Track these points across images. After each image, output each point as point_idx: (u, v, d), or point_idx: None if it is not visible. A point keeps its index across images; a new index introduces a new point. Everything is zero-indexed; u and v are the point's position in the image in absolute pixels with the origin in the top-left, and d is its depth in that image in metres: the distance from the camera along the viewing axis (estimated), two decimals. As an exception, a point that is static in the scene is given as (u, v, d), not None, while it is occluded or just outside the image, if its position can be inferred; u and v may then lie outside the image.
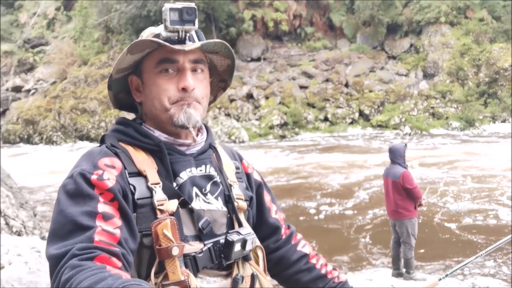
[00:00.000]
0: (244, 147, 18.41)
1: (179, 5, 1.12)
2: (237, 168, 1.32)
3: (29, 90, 25.24)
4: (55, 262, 0.92)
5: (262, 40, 25.05)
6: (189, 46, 1.12)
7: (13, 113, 23.83)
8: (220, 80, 1.33)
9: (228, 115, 21.45)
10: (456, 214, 7.87)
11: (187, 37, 1.15)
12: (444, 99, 21.91)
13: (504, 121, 20.29)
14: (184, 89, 1.14)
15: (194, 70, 1.17)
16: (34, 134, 22.73)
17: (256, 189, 1.36)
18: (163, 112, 1.15)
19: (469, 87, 21.79)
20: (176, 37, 1.13)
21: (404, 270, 5.63)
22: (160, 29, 1.16)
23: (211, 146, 1.26)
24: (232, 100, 21.99)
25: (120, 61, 1.14)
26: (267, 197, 1.39)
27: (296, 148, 17.70)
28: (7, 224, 5.21)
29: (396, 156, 5.54)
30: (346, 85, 22.80)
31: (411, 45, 24.59)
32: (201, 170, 1.20)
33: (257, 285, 1.19)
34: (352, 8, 25.42)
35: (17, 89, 25.62)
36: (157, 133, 1.18)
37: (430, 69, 23.17)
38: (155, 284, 1.04)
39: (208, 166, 1.21)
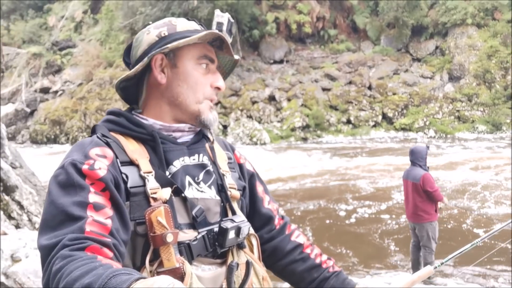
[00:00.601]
0: (284, 148, 18.30)
1: (226, 14, 1.24)
2: (229, 158, 1.32)
3: (56, 92, 25.81)
4: (46, 253, 0.93)
5: (285, 42, 25.04)
6: (236, 56, 1.27)
7: (40, 114, 24.40)
8: None
9: (250, 117, 21.49)
10: (485, 219, 7.69)
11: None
12: (470, 102, 21.47)
13: (532, 125, 19.77)
14: (218, 88, 1.22)
15: None
16: (61, 135, 23.22)
17: (248, 179, 1.37)
18: (193, 103, 1.19)
19: (496, 90, 21.29)
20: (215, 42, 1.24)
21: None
22: (195, 25, 1.24)
23: (204, 136, 1.27)
24: (254, 102, 22.02)
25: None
26: (259, 188, 1.39)
27: (338, 150, 17.38)
28: (29, 220, 5.34)
29: (417, 157, 5.45)
30: (369, 88, 22.57)
31: (437, 47, 24.19)
32: (194, 159, 1.20)
33: (252, 272, 1.19)
34: (376, 10, 25.18)
35: (45, 90, 26.24)
36: (151, 121, 1.19)
37: (456, 72, 22.74)
38: (150, 271, 1.04)
39: (201, 155, 1.22)
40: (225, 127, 21.29)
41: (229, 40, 1.22)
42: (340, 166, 14.08)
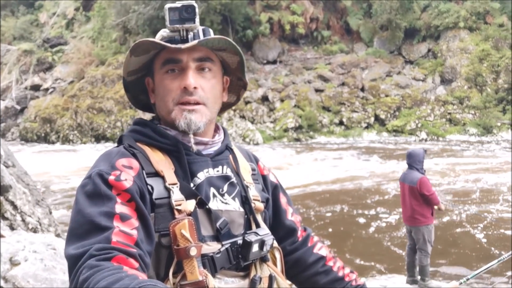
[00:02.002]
0: (310, 147, 18.11)
1: (178, 4, 1.12)
2: (253, 169, 1.31)
3: (47, 89, 25.58)
4: (74, 262, 0.93)
5: (278, 43, 25.05)
6: (187, 44, 1.11)
7: (31, 111, 24.15)
8: (238, 79, 1.31)
9: (243, 117, 21.47)
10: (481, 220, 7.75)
11: (189, 36, 1.14)
12: (462, 105, 21.65)
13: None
14: (185, 88, 1.13)
15: (201, 69, 1.16)
16: (51, 133, 23.01)
17: (272, 191, 1.36)
18: (167, 113, 1.16)
19: (488, 93, 21.50)
20: (179, 37, 1.14)
21: (419, 277, 5.55)
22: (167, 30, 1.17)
23: (227, 147, 1.25)
24: (247, 102, 22.00)
25: (126, 63, 1.16)
26: (283, 199, 1.38)
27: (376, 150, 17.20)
28: (23, 220, 5.26)
29: (415, 161, 5.45)
30: (362, 89, 22.67)
31: (429, 50, 24.36)
32: (218, 171, 1.19)
33: (275, 286, 1.19)
34: (369, 12, 25.29)
35: (35, 87, 25.98)
36: (174, 133, 1.18)
37: (447, 75, 22.91)
38: (173, 284, 1.04)
39: (225, 167, 1.21)
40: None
41: (189, 28, 1.12)
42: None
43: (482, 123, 20.48)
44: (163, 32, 1.17)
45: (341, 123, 21.66)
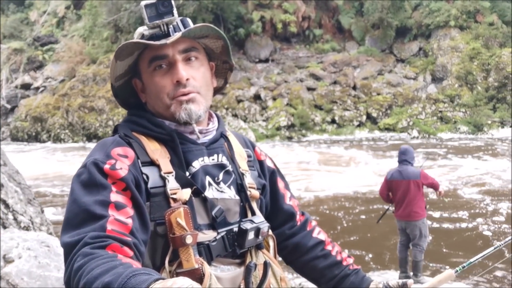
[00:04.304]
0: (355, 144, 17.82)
1: (151, 1, 1.11)
2: (249, 156, 1.31)
3: (38, 88, 25.38)
4: (69, 250, 0.94)
5: (271, 42, 25.05)
6: (171, 38, 1.11)
7: (21, 110, 23.95)
8: (224, 62, 1.32)
9: (235, 115, 21.46)
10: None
11: (170, 29, 1.14)
12: (453, 103, 21.80)
13: (513, 126, 20.15)
14: (178, 82, 1.13)
15: (188, 59, 1.16)
16: (42, 132, 22.84)
17: (269, 176, 1.37)
18: (165, 109, 1.16)
19: (478, 91, 21.66)
20: (160, 32, 1.13)
21: (411, 273, 5.59)
22: (145, 27, 1.16)
23: (222, 135, 1.26)
24: (239, 101, 21.99)
25: (113, 69, 1.15)
26: (280, 184, 1.39)
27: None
28: (15, 219, 5.23)
29: (410, 157, 5.60)
30: (354, 88, 22.75)
31: (420, 49, 24.49)
32: (213, 159, 1.20)
33: (269, 273, 1.20)
34: (361, 11, 25.37)
35: (26, 86, 25.77)
36: (168, 123, 1.18)
37: (438, 73, 23.06)
38: (169, 272, 1.04)
39: (220, 155, 1.22)
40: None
41: (168, 22, 1.11)
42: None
43: (473, 121, 20.63)
44: (143, 30, 1.16)
45: (333, 121, 21.72)
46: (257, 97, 22.29)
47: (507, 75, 21.01)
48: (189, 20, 1.17)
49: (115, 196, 1.01)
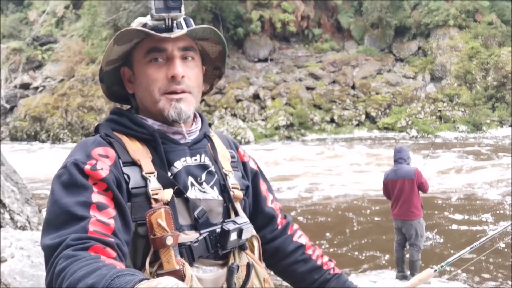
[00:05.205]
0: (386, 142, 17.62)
1: None
2: (232, 157, 1.30)
3: (37, 88, 25.36)
4: (50, 252, 0.92)
5: (270, 41, 25.03)
6: (176, 33, 1.10)
7: (20, 110, 23.94)
8: (215, 68, 1.31)
9: (234, 115, 21.45)
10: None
11: (174, 25, 1.13)
12: (452, 103, 21.79)
13: (512, 125, 20.15)
14: (173, 77, 1.12)
15: (184, 58, 1.15)
16: (41, 131, 22.84)
17: (252, 177, 1.35)
18: (153, 104, 1.14)
19: (477, 91, 21.65)
20: (164, 25, 1.12)
21: (408, 272, 5.59)
22: (148, 18, 1.15)
23: (206, 135, 1.25)
24: (238, 101, 21.98)
25: (108, 52, 1.13)
26: (263, 186, 1.38)
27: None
28: (12, 219, 5.23)
29: (406, 155, 5.62)
30: (353, 87, 22.73)
31: (419, 48, 24.48)
32: (196, 160, 1.19)
33: (253, 274, 1.19)
34: (360, 10, 25.35)
35: (25, 86, 25.74)
36: (151, 122, 1.17)
37: (437, 72, 23.05)
38: (150, 273, 1.03)
39: (203, 155, 1.20)
40: (209, 125, 21.14)
41: (173, 17, 1.11)
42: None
43: (472, 120, 20.62)
44: (147, 20, 1.14)
45: (332, 120, 21.71)
46: (256, 97, 22.27)
47: (506, 74, 20.99)
48: (191, 20, 1.17)
49: (97, 197, 1.00)
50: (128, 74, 1.20)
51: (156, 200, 1.07)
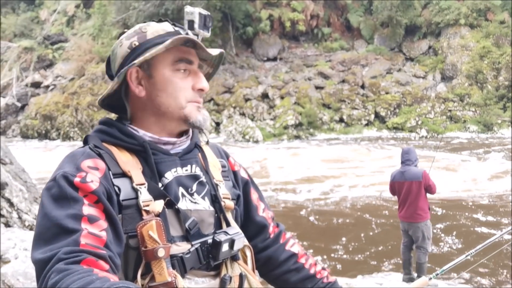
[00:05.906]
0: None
1: (203, 11, 1.19)
2: (223, 166, 1.30)
3: (47, 86, 25.58)
4: (41, 266, 0.91)
5: (279, 40, 25.00)
6: (215, 51, 1.19)
7: (31, 109, 24.17)
8: None
9: (242, 114, 21.45)
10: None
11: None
12: (462, 102, 21.59)
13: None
14: (201, 90, 1.17)
15: None
16: (52, 130, 23.03)
17: (243, 187, 1.35)
18: (177, 109, 1.16)
19: (488, 90, 21.43)
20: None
21: (415, 275, 5.56)
22: (167, 27, 1.17)
23: (196, 146, 1.24)
24: (247, 100, 21.98)
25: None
26: (254, 195, 1.37)
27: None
28: (19, 218, 5.27)
29: (414, 157, 5.57)
30: (362, 87, 22.62)
31: (430, 47, 24.28)
32: (186, 170, 1.18)
33: (245, 285, 1.18)
34: (370, 9, 25.22)
35: (36, 84, 25.98)
36: (141, 133, 1.17)
37: (448, 72, 22.85)
38: (142, 285, 1.02)
39: (193, 166, 1.20)
40: (217, 124, 21.23)
41: (204, 35, 1.18)
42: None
43: (483, 121, 20.42)
44: (168, 28, 1.17)
45: (341, 120, 21.62)
46: (264, 96, 22.25)
47: (518, 74, 20.78)
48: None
49: (88, 209, 0.99)
50: (139, 75, 1.17)
51: (147, 212, 1.06)
